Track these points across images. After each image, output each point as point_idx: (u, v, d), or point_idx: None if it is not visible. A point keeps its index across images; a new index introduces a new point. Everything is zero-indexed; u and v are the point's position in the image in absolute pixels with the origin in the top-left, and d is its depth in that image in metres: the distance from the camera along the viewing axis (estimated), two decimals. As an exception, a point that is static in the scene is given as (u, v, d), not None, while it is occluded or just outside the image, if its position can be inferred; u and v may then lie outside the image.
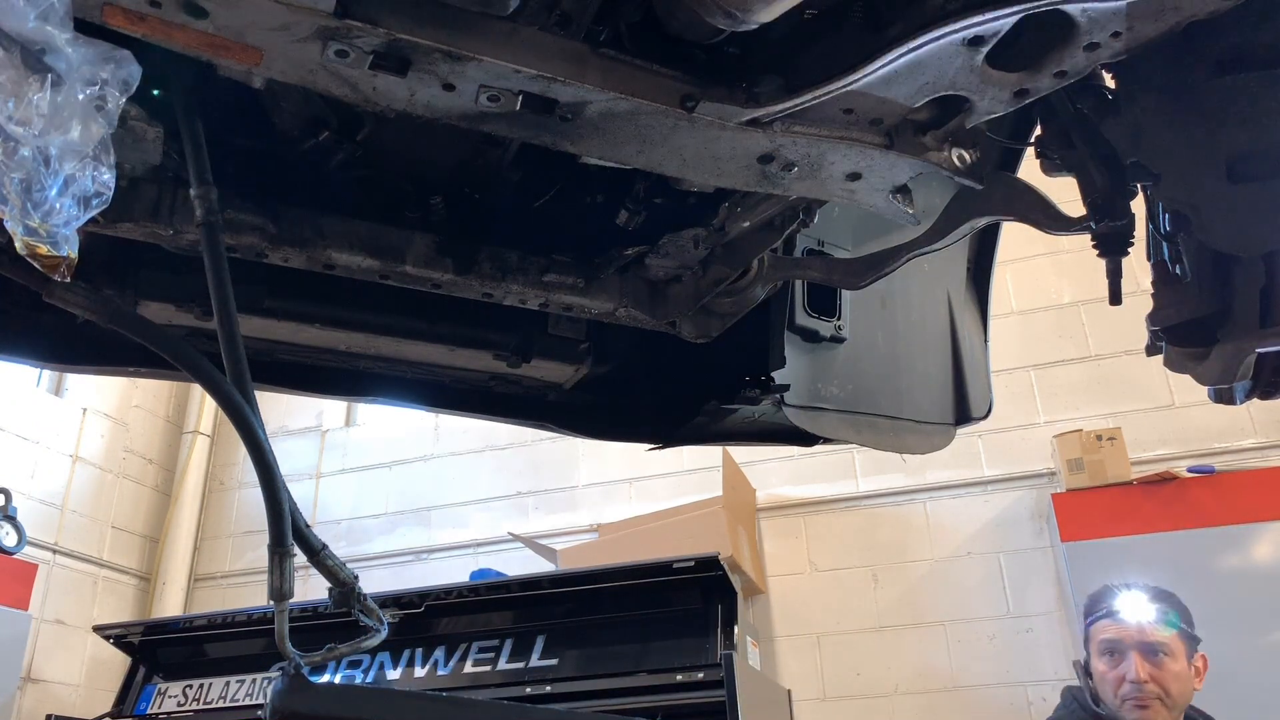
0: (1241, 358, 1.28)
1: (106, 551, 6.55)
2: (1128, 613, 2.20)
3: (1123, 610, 2.21)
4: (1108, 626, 2.21)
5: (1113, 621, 2.21)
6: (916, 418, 2.19)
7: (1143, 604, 2.20)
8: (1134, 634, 2.16)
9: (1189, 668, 2.17)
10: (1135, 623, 2.18)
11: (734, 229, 1.64)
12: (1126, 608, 2.21)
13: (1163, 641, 2.15)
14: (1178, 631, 2.17)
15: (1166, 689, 2.11)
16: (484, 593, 3.80)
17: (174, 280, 1.68)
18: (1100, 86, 1.30)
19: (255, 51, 1.03)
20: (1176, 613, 2.19)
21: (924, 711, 4.96)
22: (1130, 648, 2.16)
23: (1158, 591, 2.24)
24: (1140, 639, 2.15)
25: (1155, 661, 2.13)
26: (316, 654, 1.24)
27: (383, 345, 1.92)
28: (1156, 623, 2.17)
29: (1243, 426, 4.89)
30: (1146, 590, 2.24)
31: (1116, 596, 2.24)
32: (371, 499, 6.77)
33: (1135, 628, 2.17)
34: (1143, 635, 2.16)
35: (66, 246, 0.97)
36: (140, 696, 4.20)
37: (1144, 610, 2.19)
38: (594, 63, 1.11)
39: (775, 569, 5.54)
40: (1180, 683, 2.13)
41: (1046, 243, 5.20)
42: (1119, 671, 2.15)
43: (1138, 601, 2.21)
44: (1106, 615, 2.23)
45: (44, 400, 6.37)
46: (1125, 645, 2.17)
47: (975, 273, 2.36)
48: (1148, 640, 2.15)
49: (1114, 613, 2.22)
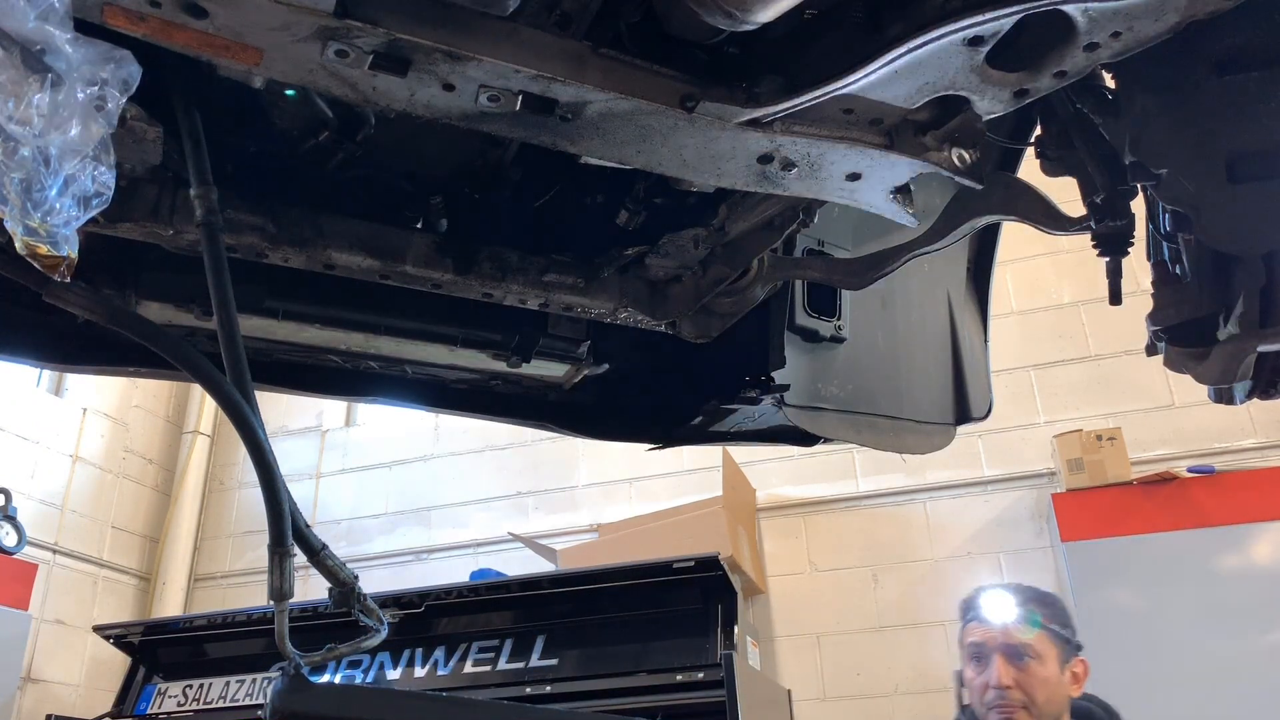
0: (1241, 358, 1.28)
1: (106, 551, 6.55)
2: (991, 613, 2.05)
3: (986, 611, 2.06)
4: (974, 629, 2.07)
5: (978, 624, 2.06)
6: (916, 418, 2.19)
7: (1007, 604, 2.05)
8: (997, 636, 2.01)
9: (1062, 673, 2.00)
10: (999, 624, 2.02)
11: (734, 229, 1.63)
12: (990, 608, 2.06)
13: (1027, 643, 1.99)
14: (1044, 632, 2.01)
15: (1032, 695, 1.95)
16: (484, 593, 3.81)
17: (174, 280, 1.68)
18: (1100, 86, 1.30)
19: (255, 51, 1.03)
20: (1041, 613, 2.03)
21: (924, 711, 4.96)
22: (993, 651, 2.01)
23: (1030, 592, 2.11)
24: (1004, 641, 2.00)
25: (1020, 665, 1.97)
26: (316, 654, 1.24)
27: (383, 345, 1.92)
28: (1020, 623, 2.01)
29: (1243, 426, 4.89)
30: (1016, 591, 2.09)
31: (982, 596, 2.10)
32: (371, 499, 6.77)
33: (999, 629, 2.02)
34: (1006, 637, 2.00)
35: (66, 246, 0.97)
36: (140, 696, 4.20)
37: (1008, 610, 2.03)
38: (594, 63, 1.11)
39: (775, 569, 5.54)
40: (1049, 689, 1.96)
41: (1046, 243, 5.20)
42: (984, 678, 2.01)
43: (1002, 601, 2.06)
44: (973, 618, 2.08)
45: (44, 400, 6.37)
46: (989, 649, 2.02)
47: (975, 273, 2.36)
48: (1011, 642, 1.99)
49: (979, 615, 2.07)
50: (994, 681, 1.97)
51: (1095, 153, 1.33)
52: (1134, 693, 4.09)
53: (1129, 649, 4.14)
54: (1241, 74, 1.13)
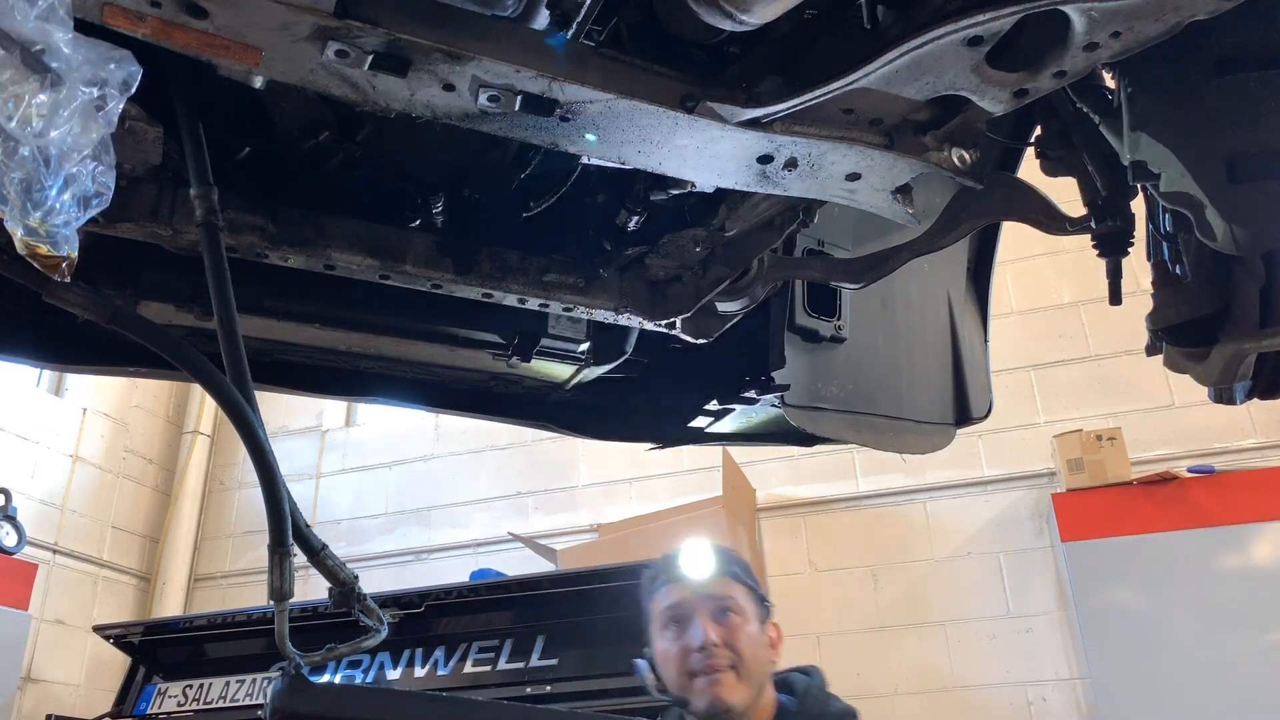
0: (1241, 358, 1.28)
1: (106, 551, 6.55)
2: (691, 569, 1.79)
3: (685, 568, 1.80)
4: (670, 591, 1.79)
5: (675, 585, 1.79)
6: (916, 418, 2.19)
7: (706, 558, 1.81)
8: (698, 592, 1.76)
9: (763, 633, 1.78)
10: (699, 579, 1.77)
11: (734, 229, 1.64)
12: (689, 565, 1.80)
13: (731, 597, 1.75)
14: (744, 587, 1.79)
15: (740, 653, 1.69)
16: (484, 593, 3.81)
17: (174, 280, 1.68)
18: (1100, 86, 1.30)
19: (255, 51, 1.03)
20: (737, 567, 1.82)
21: (924, 711, 4.96)
22: (695, 608, 1.74)
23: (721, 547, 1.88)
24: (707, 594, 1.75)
25: (724, 621, 1.72)
26: (316, 654, 1.24)
27: (383, 345, 1.92)
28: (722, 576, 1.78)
29: (1243, 426, 4.89)
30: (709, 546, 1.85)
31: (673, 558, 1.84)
32: (371, 499, 6.77)
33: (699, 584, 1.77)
34: (709, 591, 1.76)
35: (66, 246, 0.97)
36: (140, 696, 4.21)
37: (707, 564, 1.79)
38: (594, 63, 1.11)
39: (775, 569, 5.54)
40: (755, 647, 1.73)
41: (1046, 243, 5.20)
42: (684, 641, 1.72)
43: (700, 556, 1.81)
44: (666, 581, 1.81)
45: (44, 400, 6.37)
46: (689, 607, 1.75)
47: (975, 273, 2.36)
48: (715, 595, 1.75)
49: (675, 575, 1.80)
50: (699, 641, 1.69)
51: (1095, 153, 1.33)
52: (1134, 692, 4.11)
53: (1129, 649, 4.14)
54: (1241, 74, 1.13)
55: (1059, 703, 4.77)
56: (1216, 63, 1.14)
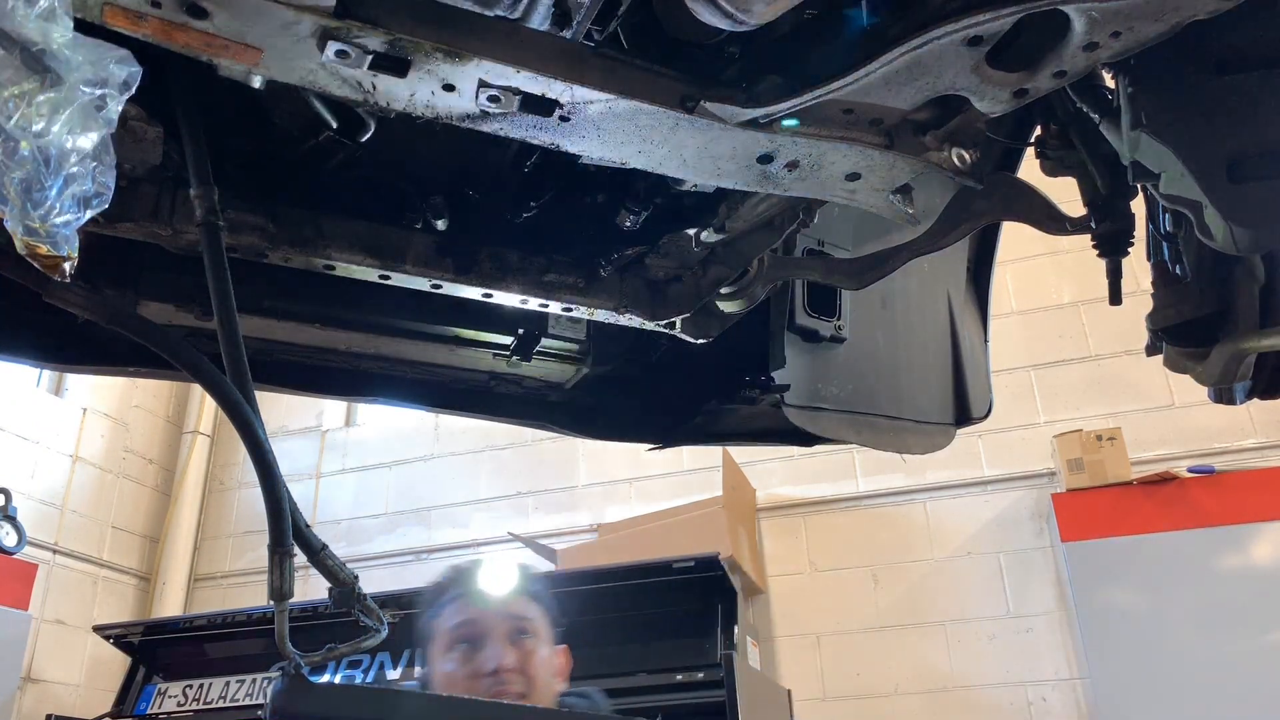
0: (1241, 358, 1.28)
1: (106, 551, 6.55)
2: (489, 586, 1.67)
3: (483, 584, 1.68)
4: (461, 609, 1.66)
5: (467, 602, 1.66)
6: (916, 418, 2.19)
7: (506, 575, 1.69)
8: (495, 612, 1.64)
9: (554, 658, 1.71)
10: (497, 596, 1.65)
11: (734, 229, 1.64)
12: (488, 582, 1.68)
13: (529, 619, 1.67)
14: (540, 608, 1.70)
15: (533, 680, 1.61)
16: (484, 593, 3.80)
17: (174, 280, 1.68)
18: (1100, 86, 1.30)
19: (255, 51, 1.03)
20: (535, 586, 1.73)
21: (924, 711, 4.96)
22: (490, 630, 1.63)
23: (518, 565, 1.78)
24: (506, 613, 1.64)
25: (520, 644, 1.63)
26: (316, 654, 1.24)
27: (383, 345, 1.92)
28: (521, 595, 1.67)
29: (1243, 426, 4.89)
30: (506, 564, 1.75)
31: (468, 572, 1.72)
32: (371, 499, 6.77)
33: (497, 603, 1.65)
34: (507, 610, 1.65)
35: (66, 246, 0.97)
36: (140, 696, 4.21)
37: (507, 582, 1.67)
38: (594, 63, 1.11)
39: (775, 569, 5.54)
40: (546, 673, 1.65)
41: (1046, 243, 5.20)
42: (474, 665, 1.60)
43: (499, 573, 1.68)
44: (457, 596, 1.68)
45: (44, 400, 6.37)
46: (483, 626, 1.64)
47: (975, 273, 2.36)
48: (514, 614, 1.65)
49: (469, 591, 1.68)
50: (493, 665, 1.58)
51: (1095, 153, 1.33)
52: (1134, 692, 4.11)
53: (1129, 649, 4.14)
54: (1241, 74, 1.13)
55: (1059, 703, 4.77)
56: (1217, 63, 1.14)
